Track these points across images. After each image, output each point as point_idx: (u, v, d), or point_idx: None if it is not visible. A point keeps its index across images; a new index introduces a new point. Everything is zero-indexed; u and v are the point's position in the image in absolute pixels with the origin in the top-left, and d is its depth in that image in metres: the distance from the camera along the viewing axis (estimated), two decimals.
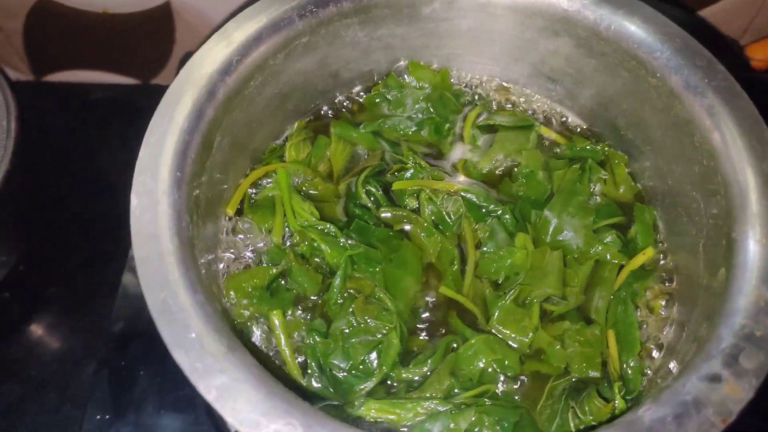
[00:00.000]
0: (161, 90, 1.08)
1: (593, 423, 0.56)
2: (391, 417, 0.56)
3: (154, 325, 0.79)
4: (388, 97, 0.75)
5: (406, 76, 0.76)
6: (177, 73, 1.03)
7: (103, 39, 1.02)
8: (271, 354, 0.61)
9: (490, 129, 0.74)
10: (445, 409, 0.56)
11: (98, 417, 0.74)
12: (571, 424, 0.57)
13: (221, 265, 0.64)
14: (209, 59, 0.60)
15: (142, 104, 1.05)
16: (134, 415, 0.75)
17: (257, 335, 0.61)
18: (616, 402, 0.57)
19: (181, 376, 0.76)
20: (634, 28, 0.62)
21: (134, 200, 0.53)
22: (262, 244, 0.66)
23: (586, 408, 0.57)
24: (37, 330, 0.87)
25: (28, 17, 0.99)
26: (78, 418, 0.79)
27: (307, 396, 0.50)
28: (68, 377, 0.83)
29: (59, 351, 0.85)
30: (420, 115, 0.74)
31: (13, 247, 0.90)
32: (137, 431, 0.74)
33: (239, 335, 0.58)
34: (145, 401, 0.76)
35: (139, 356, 0.78)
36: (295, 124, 0.73)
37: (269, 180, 0.69)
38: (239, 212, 0.67)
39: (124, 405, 0.75)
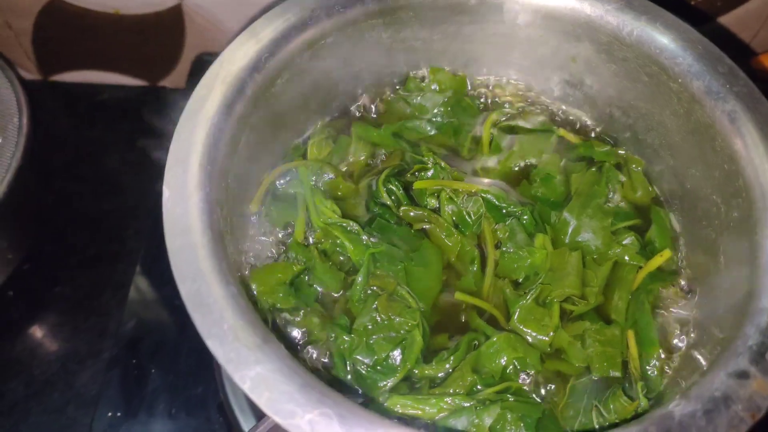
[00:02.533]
0: (169, 92, 1.10)
1: (617, 421, 0.57)
2: (416, 412, 0.56)
3: (165, 323, 0.80)
4: (409, 100, 0.75)
5: (426, 79, 0.77)
6: (187, 75, 1.04)
7: (113, 40, 1.02)
8: (298, 347, 0.61)
9: (510, 131, 0.75)
10: (469, 404, 0.56)
11: (109, 414, 0.74)
12: (595, 423, 0.57)
13: (246, 259, 0.64)
14: (239, 56, 0.60)
15: (149, 106, 1.07)
16: (145, 413, 0.74)
17: (283, 329, 0.61)
18: (641, 401, 0.57)
19: (192, 375, 0.77)
20: (656, 34, 0.63)
21: (166, 192, 0.53)
22: (283, 240, 0.66)
23: (611, 406, 0.57)
24: (41, 329, 0.86)
25: (38, 16, 0.99)
26: (82, 419, 0.79)
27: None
28: (72, 377, 0.82)
29: (63, 351, 0.84)
30: (440, 119, 0.75)
31: (18, 245, 0.89)
32: (148, 429, 0.74)
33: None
34: (157, 400, 0.75)
35: (150, 354, 0.78)
36: (318, 123, 0.73)
37: (290, 178, 0.69)
38: (262, 208, 0.67)
39: (136, 403, 0.75)
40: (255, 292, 0.61)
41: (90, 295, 0.88)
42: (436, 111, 0.75)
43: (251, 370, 0.46)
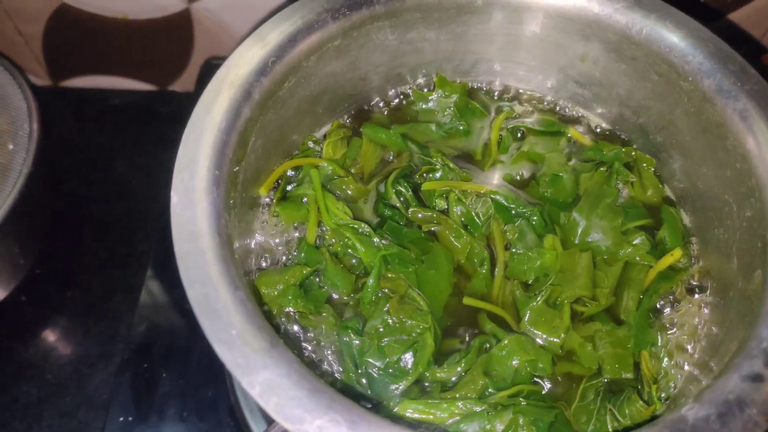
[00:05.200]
0: (178, 96, 1.10)
1: (631, 425, 0.56)
2: (428, 417, 0.55)
3: (176, 327, 0.81)
4: (417, 107, 0.76)
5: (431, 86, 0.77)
6: (196, 79, 1.05)
7: (122, 45, 1.03)
8: (306, 352, 0.61)
9: (520, 133, 0.74)
10: (480, 409, 0.56)
11: (121, 419, 0.74)
12: (609, 426, 0.57)
13: (255, 261, 0.64)
14: (245, 60, 0.60)
15: (159, 110, 1.08)
16: (157, 417, 0.75)
17: (293, 332, 0.61)
18: (656, 405, 0.57)
19: (203, 379, 0.77)
20: (666, 32, 0.63)
21: (174, 198, 0.52)
22: (293, 242, 0.66)
23: (626, 410, 0.57)
24: (53, 333, 0.87)
25: (48, 22, 0.99)
26: (93, 422, 0.80)
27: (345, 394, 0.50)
28: (84, 380, 0.83)
29: (75, 354, 0.85)
30: (448, 122, 0.75)
31: (30, 250, 0.90)
32: None
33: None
34: (168, 403, 0.75)
35: (161, 358, 0.78)
36: (333, 124, 0.74)
37: (300, 178, 0.69)
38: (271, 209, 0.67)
39: (147, 407, 0.75)
40: (263, 295, 0.61)
41: (101, 299, 0.89)
42: (446, 113, 0.75)
43: (260, 375, 0.46)
